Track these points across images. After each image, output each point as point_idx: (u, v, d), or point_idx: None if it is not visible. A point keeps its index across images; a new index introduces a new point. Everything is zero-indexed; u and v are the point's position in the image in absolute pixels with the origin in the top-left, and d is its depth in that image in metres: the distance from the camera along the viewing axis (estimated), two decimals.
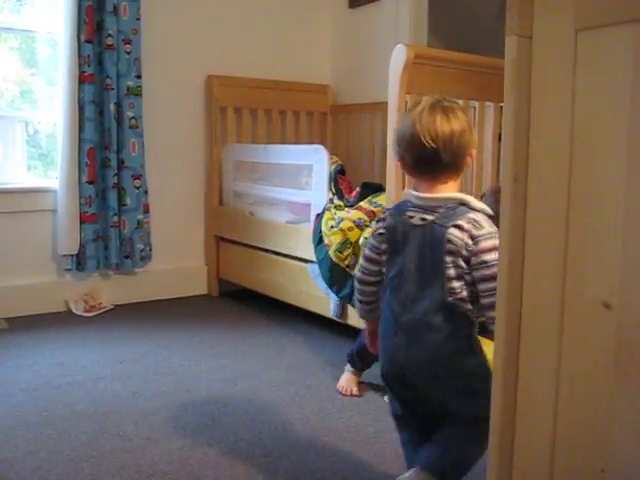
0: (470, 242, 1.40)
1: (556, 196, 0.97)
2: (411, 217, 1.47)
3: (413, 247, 1.45)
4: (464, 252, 1.40)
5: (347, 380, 2.39)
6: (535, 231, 1.00)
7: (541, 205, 0.99)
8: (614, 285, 0.91)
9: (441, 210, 1.44)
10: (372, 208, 2.78)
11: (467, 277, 1.42)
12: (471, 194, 1.68)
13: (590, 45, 0.91)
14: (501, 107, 2.52)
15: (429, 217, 1.44)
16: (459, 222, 1.42)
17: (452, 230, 1.41)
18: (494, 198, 2.05)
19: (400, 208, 1.51)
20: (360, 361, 2.38)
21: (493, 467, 1.09)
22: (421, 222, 1.45)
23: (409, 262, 1.46)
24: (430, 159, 1.45)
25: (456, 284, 1.42)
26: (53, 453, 1.86)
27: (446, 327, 1.42)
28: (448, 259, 1.41)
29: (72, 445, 1.91)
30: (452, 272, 1.41)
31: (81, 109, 3.28)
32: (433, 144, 1.43)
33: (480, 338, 2.17)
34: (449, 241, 1.41)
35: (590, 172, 0.93)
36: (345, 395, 2.33)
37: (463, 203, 1.45)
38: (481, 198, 2.04)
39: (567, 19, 0.93)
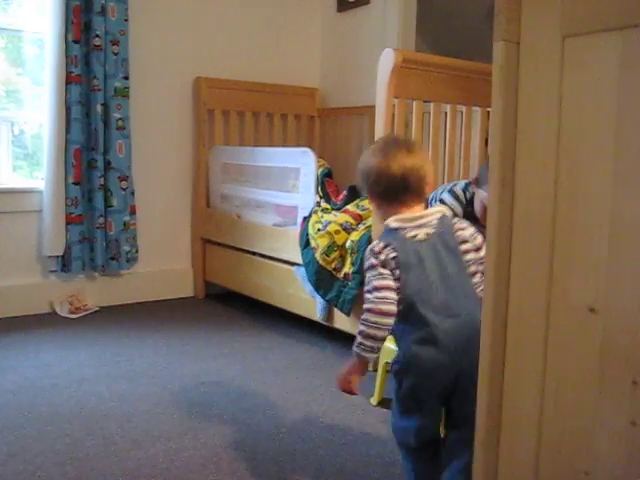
0: (471, 237, 1.57)
1: (543, 200, 0.97)
2: (414, 235, 1.54)
3: (430, 259, 1.52)
4: (472, 247, 1.55)
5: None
6: (522, 235, 1.01)
7: (528, 209, 1.00)
8: (599, 289, 0.91)
9: (433, 222, 1.55)
10: (359, 211, 2.79)
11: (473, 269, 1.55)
12: None
13: (577, 51, 0.92)
14: (488, 112, 2.54)
15: (430, 230, 1.54)
16: (457, 225, 1.58)
17: (459, 232, 1.56)
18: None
19: (394, 233, 1.55)
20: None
21: (478, 470, 1.10)
22: (426, 236, 1.53)
23: (432, 273, 1.51)
24: (399, 186, 1.58)
25: (477, 279, 1.54)
26: (36, 455, 1.85)
27: None
28: (467, 257, 1.54)
29: (56, 447, 1.90)
30: (473, 268, 1.54)
31: (68, 110, 3.26)
32: (401, 175, 1.56)
33: None
34: (464, 241, 1.55)
35: (577, 176, 0.94)
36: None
37: (443, 214, 1.59)
38: (476, 180, 2.10)
39: (554, 25, 0.93)
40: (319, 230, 2.75)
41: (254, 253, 3.35)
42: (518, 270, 1.01)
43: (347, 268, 2.64)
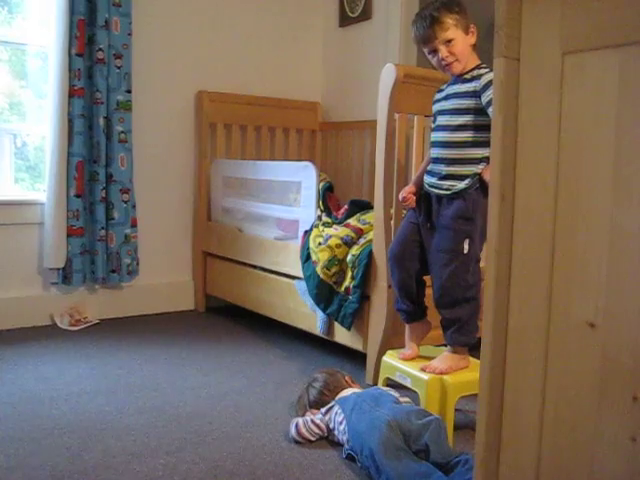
0: None
1: (543, 216, 0.97)
2: None
3: None
4: None
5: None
6: (521, 251, 1.01)
7: (528, 225, 1.00)
8: (599, 305, 0.91)
9: None
10: (360, 225, 2.79)
11: None
12: None
13: (576, 68, 0.93)
14: None
15: None
16: None
17: None
18: None
19: None
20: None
21: None
22: None
23: None
24: None
25: None
26: (35, 469, 1.84)
27: None
28: None
29: (55, 461, 1.89)
30: None
31: (70, 122, 3.27)
32: None
33: (470, 358, 2.21)
34: None
35: (576, 192, 0.94)
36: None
37: None
38: None
39: (554, 42, 0.94)
40: (320, 244, 2.75)
41: (255, 267, 3.35)
42: (518, 285, 1.02)
43: (348, 282, 2.64)
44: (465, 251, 2.12)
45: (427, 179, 2.24)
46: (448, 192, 2.14)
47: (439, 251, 2.17)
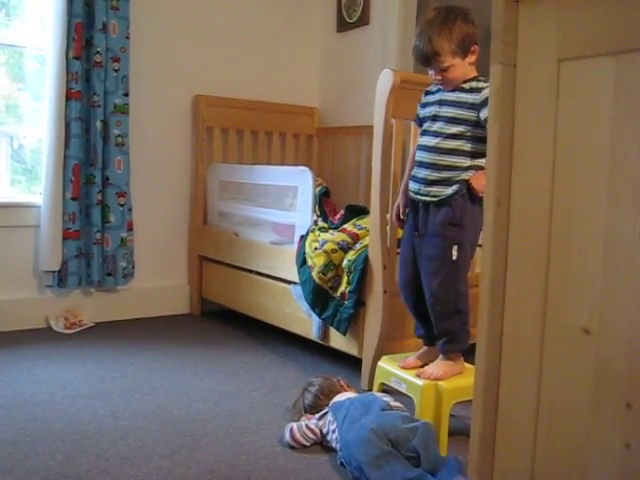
0: None
1: (538, 222, 0.98)
2: None
3: None
4: None
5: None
6: (517, 256, 1.01)
7: (523, 231, 1.00)
8: (594, 311, 0.92)
9: None
10: (356, 231, 2.79)
11: None
12: None
13: (572, 75, 0.93)
14: None
15: None
16: None
17: None
18: None
19: None
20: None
21: None
22: None
23: None
24: None
25: None
26: (29, 472, 1.83)
27: None
28: None
29: (48, 464, 1.88)
30: None
31: (67, 125, 3.27)
32: None
33: (465, 364, 2.21)
34: None
35: (571, 198, 0.94)
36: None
37: None
38: None
39: (550, 49, 0.95)
40: (316, 249, 2.75)
41: (251, 271, 3.35)
42: (513, 291, 1.02)
43: (343, 287, 2.64)
44: (454, 258, 2.11)
45: (412, 186, 2.23)
46: (435, 199, 2.14)
47: (428, 259, 2.16)
